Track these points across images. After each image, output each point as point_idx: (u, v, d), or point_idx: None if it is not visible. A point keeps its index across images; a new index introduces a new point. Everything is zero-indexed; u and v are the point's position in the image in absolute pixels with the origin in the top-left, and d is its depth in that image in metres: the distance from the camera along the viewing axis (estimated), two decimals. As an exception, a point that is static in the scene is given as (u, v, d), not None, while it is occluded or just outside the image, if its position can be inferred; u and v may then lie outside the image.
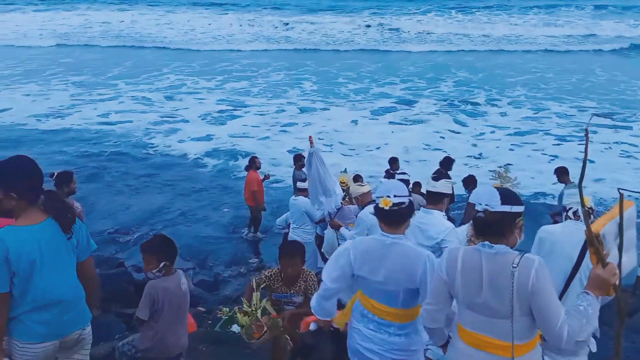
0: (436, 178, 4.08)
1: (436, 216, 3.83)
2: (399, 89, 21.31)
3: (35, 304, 2.66)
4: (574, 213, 3.42)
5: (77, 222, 2.84)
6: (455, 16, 38.43)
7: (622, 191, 2.24)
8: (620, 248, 2.31)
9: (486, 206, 2.29)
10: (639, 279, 2.46)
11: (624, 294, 2.31)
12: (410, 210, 2.79)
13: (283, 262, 3.72)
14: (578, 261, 3.04)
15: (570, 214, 3.47)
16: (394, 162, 9.45)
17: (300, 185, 6.91)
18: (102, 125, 16.72)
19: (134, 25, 38.02)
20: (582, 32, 33.01)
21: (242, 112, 18.14)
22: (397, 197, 2.71)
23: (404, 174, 8.78)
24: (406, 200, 2.75)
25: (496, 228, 2.29)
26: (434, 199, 3.96)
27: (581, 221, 2.47)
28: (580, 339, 3.08)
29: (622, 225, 2.28)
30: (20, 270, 2.58)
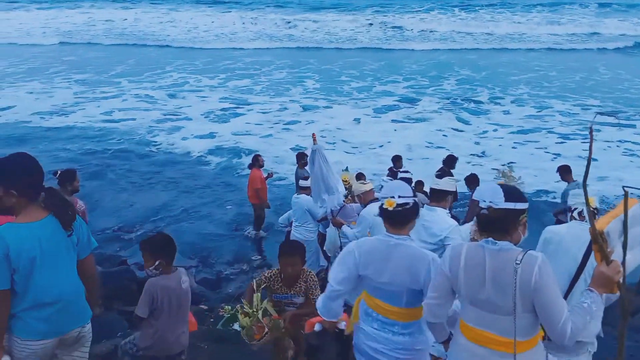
0: (440, 176, 4.09)
1: (440, 214, 3.83)
2: (401, 87, 21.28)
3: (35, 301, 2.65)
4: (579, 213, 3.39)
5: (78, 220, 2.83)
6: (459, 14, 38.35)
7: (627, 189, 2.24)
8: (625, 246, 2.30)
9: (490, 203, 2.29)
10: None
11: (628, 292, 2.31)
12: (415, 211, 2.78)
13: (283, 261, 3.66)
14: (583, 261, 3.03)
15: (575, 214, 3.44)
16: (397, 161, 9.42)
17: (302, 183, 6.90)
18: (105, 123, 16.76)
19: (137, 24, 38.08)
20: (586, 30, 32.88)
21: (245, 110, 18.16)
22: (401, 197, 2.71)
23: (407, 172, 8.79)
24: (410, 200, 2.74)
25: (500, 225, 2.29)
26: (438, 197, 3.96)
27: (586, 221, 2.47)
28: (587, 340, 3.08)
29: (626, 223, 2.28)
30: (21, 267, 2.57)
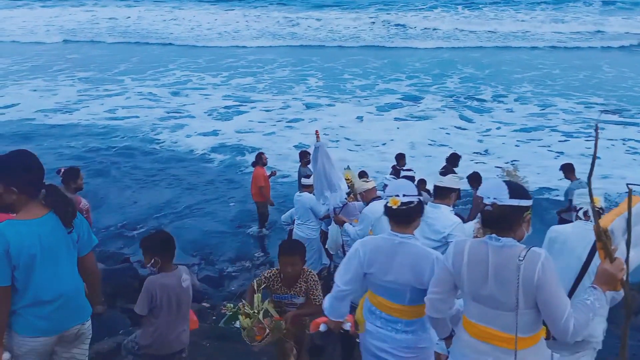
0: (444, 173, 4.09)
1: (443, 211, 3.84)
2: (404, 85, 21.25)
3: (35, 298, 2.64)
4: (585, 213, 3.39)
5: (78, 217, 2.82)
6: (462, 12, 38.18)
7: (631, 186, 2.24)
8: (628, 243, 2.30)
9: (494, 200, 2.29)
10: None
11: (632, 290, 2.31)
12: (420, 209, 2.80)
13: (282, 260, 3.58)
14: (587, 261, 3.03)
15: (580, 214, 3.45)
16: (401, 159, 9.39)
17: (305, 181, 6.88)
18: (109, 120, 16.82)
19: (140, 22, 38.09)
20: (590, 28, 32.71)
21: (248, 108, 18.18)
22: (406, 196, 2.73)
23: (410, 170, 8.77)
24: (415, 199, 2.76)
25: (504, 221, 2.29)
26: (441, 194, 3.98)
27: (591, 221, 2.46)
28: (592, 339, 3.08)
29: (630, 221, 2.28)
30: (21, 264, 2.57)
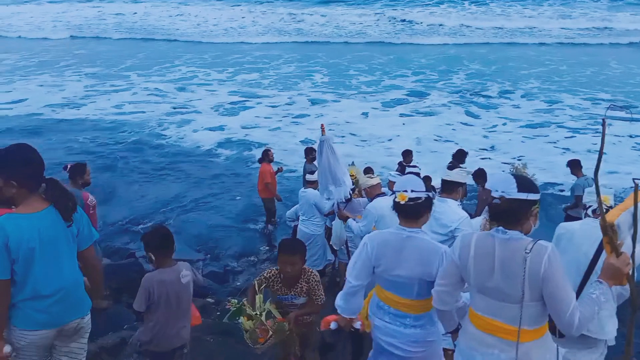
0: (451, 168, 4.12)
1: (450, 205, 3.86)
2: (410, 81, 21.19)
3: (34, 291, 2.65)
4: (594, 211, 3.39)
5: (79, 211, 2.82)
6: (469, 8, 37.99)
7: (637, 181, 2.25)
8: (634, 238, 2.32)
9: (502, 193, 2.30)
10: None
11: (638, 286, 2.32)
12: (428, 205, 2.82)
13: (282, 259, 3.48)
14: (595, 258, 3.03)
15: (589, 212, 3.45)
16: (408, 155, 9.34)
17: (309, 177, 6.86)
18: (116, 115, 16.91)
19: (146, 18, 38.19)
20: (598, 24, 32.47)
21: (254, 104, 18.22)
22: (414, 192, 2.77)
23: (415, 167, 8.77)
24: (423, 195, 2.79)
25: (512, 215, 2.31)
26: (448, 188, 4.00)
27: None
28: (605, 337, 3.08)
29: (636, 216, 2.29)
30: (20, 257, 2.57)
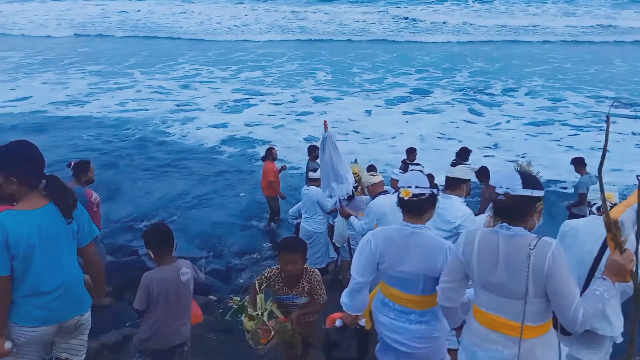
0: (454, 165, 4.12)
1: (454, 201, 3.86)
2: (413, 79, 21.18)
3: (34, 288, 2.65)
4: (598, 209, 3.38)
5: (79, 208, 2.81)
6: (472, 5, 37.91)
7: None
8: (638, 235, 2.31)
9: (507, 189, 2.30)
10: None
11: None
12: (432, 201, 2.84)
13: (282, 258, 3.43)
14: (599, 255, 3.02)
15: (594, 209, 3.43)
16: (412, 153, 9.33)
17: (312, 175, 6.86)
18: (120, 113, 16.97)
19: (150, 15, 38.28)
20: (602, 22, 32.36)
21: (257, 101, 18.25)
22: (418, 188, 2.78)
23: (418, 165, 8.78)
24: (427, 191, 2.80)
25: (516, 211, 2.30)
26: (452, 185, 4.01)
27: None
28: (612, 334, 3.08)
29: (640, 213, 2.29)
30: (20, 254, 2.57)
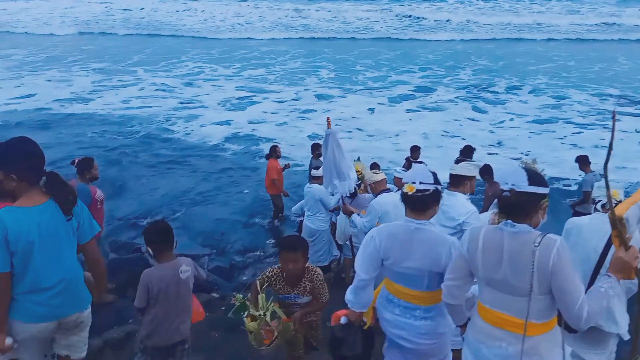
0: (458, 162, 4.13)
1: (459, 198, 3.87)
2: (417, 77, 21.17)
3: (33, 285, 2.65)
4: (603, 206, 3.36)
5: (79, 204, 2.81)
6: (476, 3, 37.85)
7: None
8: None
9: (512, 186, 2.28)
10: None
11: None
12: (436, 197, 2.83)
13: (283, 257, 3.39)
14: (604, 252, 3.01)
15: (599, 206, 3.42)
16: (415, 151, 9.30)
17: (314, 173, 6.84)
18: (124, 110, 17.00)
19: (154, 13, 38.36)
20: (607, 20, 32.27)
21: (261, 99, 18.27)
22: (422, 184, 2.77)
23: (422, 163, 8.78)
24: (431, 187, 2.79)
25: (521, 208, 2.29)
26: (456, 182, 4.02)
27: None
28: (618, 331, 3.07)
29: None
30: (19, 250, 2.57)
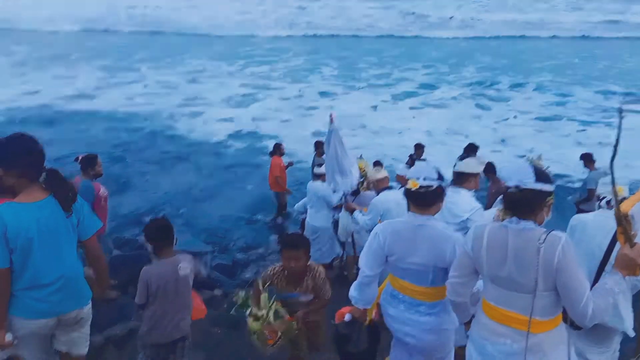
0: (462, 158, 4.14)
1: (463, 195, 3.86)
2: (420, 74, 21.18)
3: (33, 281, 2.65)
4: (608, 202, 3.35)
5: (79, 201, 2.80)
6: (480, 1, 37.75)
7: None
8: None
9: (519, 182, 2.28)
10: None
11: None
12: (439, 194, 2.83)
13: (285, 255, 3.36)
14: (608, 249, 3.00)
15: (603, 203, 3.40)
16: (419, 149, 9.29)
17: (317, 170, 6.77)
18: (128, 107, 17.06)
19: (157, 11, 38.34)
20: (611, 17, 32.15)
21: (264, 96, 18.32)
22: (426, 180, 2.78)
23: (424, 161, 8.79)
24: (435, 184, 2.80)
25: (527, 205, 2.29)
26: (459, 179, 4.03)
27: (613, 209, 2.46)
28: (623, 328, 3.08)
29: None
30: (18, 247, 2.58)
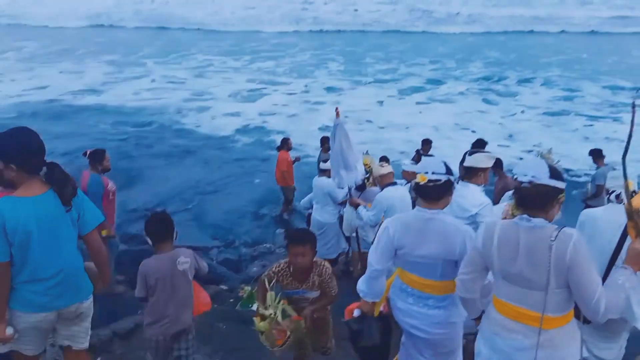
0: (471, 153, 4.12)
1: (472, 190, 3.85)
2: (427, 69, 21.12)
3: (32, 275, 2.65)
4: (617, 196, 3.31)
5: (79, 195, 2.79)
6: (487, -5, 37.47)
7: None
8: None
9: (533, 178, 2.27)
10: None
11: None
12: (448, 188, 2.84)
13: (291, 250, 3.34)
14: (619, 243, 3.00)
15: (613, 197, 3.37)
16: (426, 144, 9.24)
17: (322, 166, 6.78)
18: (135, 102, 17.14)
19: (164, 6, 38.40)
20: (620, 13, 31.88)
21: (271, 91, 18.34)
22: (434, 174, 2.80)
23: (432, 157, 8.73)
24: (443, 178, 2.81)
25: (539, 201, 2.27)
26: (469, 174, 4.03)
27: (623, 204, 2.44)
28: (635, 323, 3.05)
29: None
30: (17, 240, 2.58)
